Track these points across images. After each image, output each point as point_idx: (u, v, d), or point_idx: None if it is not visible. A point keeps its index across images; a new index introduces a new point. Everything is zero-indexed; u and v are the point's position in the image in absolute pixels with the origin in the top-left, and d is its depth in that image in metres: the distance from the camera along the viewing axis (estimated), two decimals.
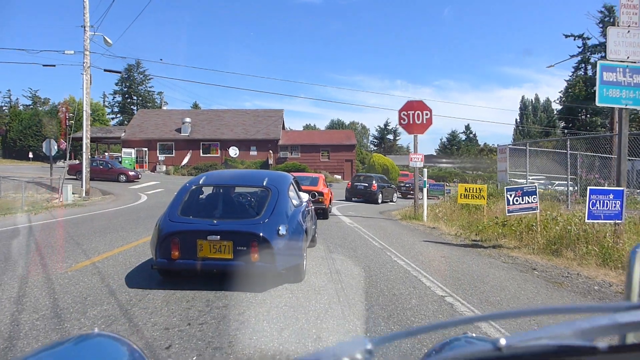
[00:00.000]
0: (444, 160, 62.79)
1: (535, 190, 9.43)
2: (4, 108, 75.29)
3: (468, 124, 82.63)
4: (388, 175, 40.67)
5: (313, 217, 7.99)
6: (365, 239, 9.64)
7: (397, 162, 48.12)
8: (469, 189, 11.94)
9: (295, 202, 6.15)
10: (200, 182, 6.00)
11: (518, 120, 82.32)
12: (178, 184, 31.37)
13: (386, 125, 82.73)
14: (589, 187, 8.16)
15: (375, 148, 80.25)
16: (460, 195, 12.00)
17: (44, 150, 24.81)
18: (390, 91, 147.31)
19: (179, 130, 42.45)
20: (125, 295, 4.97)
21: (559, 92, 64.89)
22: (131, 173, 30.73)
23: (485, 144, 61.48)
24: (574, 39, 62.17)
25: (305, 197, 7.27)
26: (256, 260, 4.94)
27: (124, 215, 14.26)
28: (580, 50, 62.29)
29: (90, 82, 25.85)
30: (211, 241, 4.96)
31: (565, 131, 64.96)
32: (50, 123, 51.44)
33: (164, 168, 40.85)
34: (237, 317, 4.25)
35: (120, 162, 39.01)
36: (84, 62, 25.02)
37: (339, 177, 40.64)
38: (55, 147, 24.94)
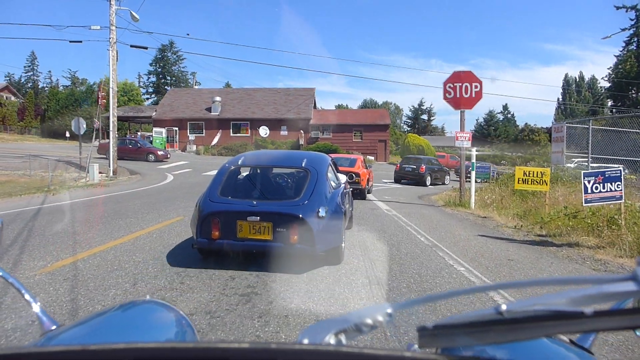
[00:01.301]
0: (475, 148, 59.65)
1: (620, 175, 7.56)
2: (46, 88, 76.49)
3: (506, 104, 78.49)
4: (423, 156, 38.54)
5: (350, 199, 7.71)
6: (408, 232, 8.02)
7: (432, 142, 45.78)
8: (529, 173, 10.06)
9: (333, 183, 5.99)
10: (239, 163, 5.88)
11: (560, 99, 77.67)
12: (207, 164, 30.50)
13: (420, 105, 79.50)
14: None
15: (408, 128, 77.36)
16: (518, 180, 10.14)
17: (73, 129, 24.13)
18: (425, 70, 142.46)
19: (209, 110, 41.39)
20: None
21: (608, 69, 60.28)
22: (160, 152, 29.88)
23: (526, 124, 57.71)
24: (626, 11, 57.21)
25: (343, 178, 7.06)
26: (295, 242, 4.81)
27: (143, 197, 13.14)
28: (633, 22, 57.37)
29: (117, 58, 24.87)
30: (251, 222, 4.88)
31: (613, 110, 60.53)
32: (87, 103, 51.46)
33: (194, 148, 40.02)
34: None
35: (152, 142, 38.44)
36: (109, 38, 24.03)
37: (371, 158, 38.76)
38: (84, 126, 24.24)
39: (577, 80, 79.73)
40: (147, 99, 77.88)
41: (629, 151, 13.97)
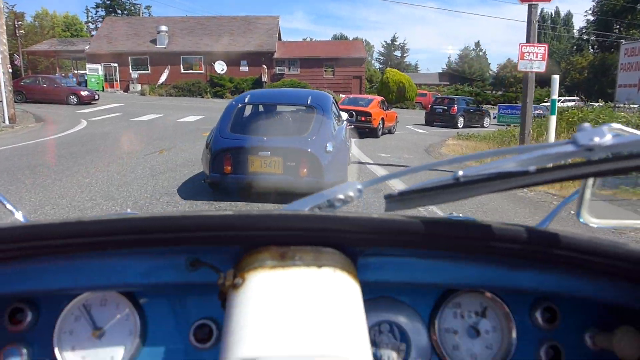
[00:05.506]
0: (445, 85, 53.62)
1: None
2: None
3: (478, 41, 72.58)
4: (404, 94, 32.81)
5: (350, 136, 7.59)
6: None
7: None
8: None
9: (337, 120, 5.93)
10: (246, 101, 5.86)
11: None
12: (147, 106, 23.50)
13: (393, 40, 72.40)
14: None
15: (381, 66, 70.60)
16: None
17: None
18: (393, 6, 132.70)
19: (154, 42, 33.69)
20: None
21: (592, 1, 54.47)
22: (84, 93, 22.85)
23: (508, 59, 51.95)
24: None
25: (344, 116, 6.93)
26: (305, 175, 4.90)
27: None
28: None
29: None
30: (262, 157, 4.93)
31: (595, 46, 55.73)
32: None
33: (138, 87, 32.72)
34: None
35: (86, 81, 31.00)
36: None
37: (343, 96, 32.64)
38: None
39: (553, 16, 74.04)
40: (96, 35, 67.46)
41: None
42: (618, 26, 51.17)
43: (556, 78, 6.52)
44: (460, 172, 0.60)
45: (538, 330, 0.73)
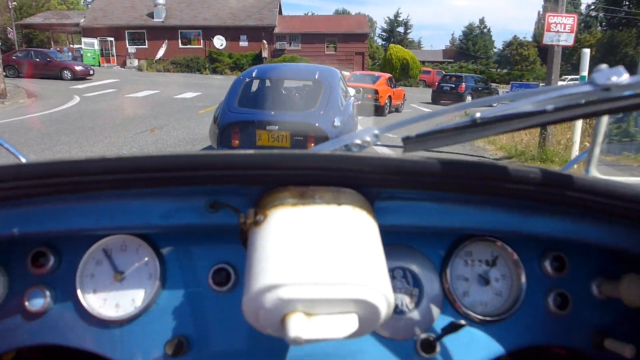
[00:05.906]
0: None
1: None
2: None
3: (483, 17, 70.50)
4: (407, 72, 31.83)
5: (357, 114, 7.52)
6: None
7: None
8: None
9: (345, 96, 5.80)
10: (253, 75, 5.76)
11: (541, 12, 70.36)
12: (143, 82, 22.58)
13: (396, 16, 70.35)
14: None
15: (383, 42, 68.79)
16: None
17: None
18: None
19: (151, 15, 32.53)
20: None
21: None
22: (78, 68, 22.03)
23: (515, 36, 50.34)
24: None
25: (352, 92, 6.65)
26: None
27: None
28: None
29: None
30: (270, 131, 4.92)
31: (604, 23, 54.15)
32: None
33: (136, 62, 31.73)
34: None
35: (82, 56, 30.04)
36: None
37: (347, 73, 31.60)
38: None
39: None
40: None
41: None
42: (627, 2, 49.59)
43: (587, 52, 5.82)
44: (478, 114, 0.59)
45: (547, 279, 0.74)
